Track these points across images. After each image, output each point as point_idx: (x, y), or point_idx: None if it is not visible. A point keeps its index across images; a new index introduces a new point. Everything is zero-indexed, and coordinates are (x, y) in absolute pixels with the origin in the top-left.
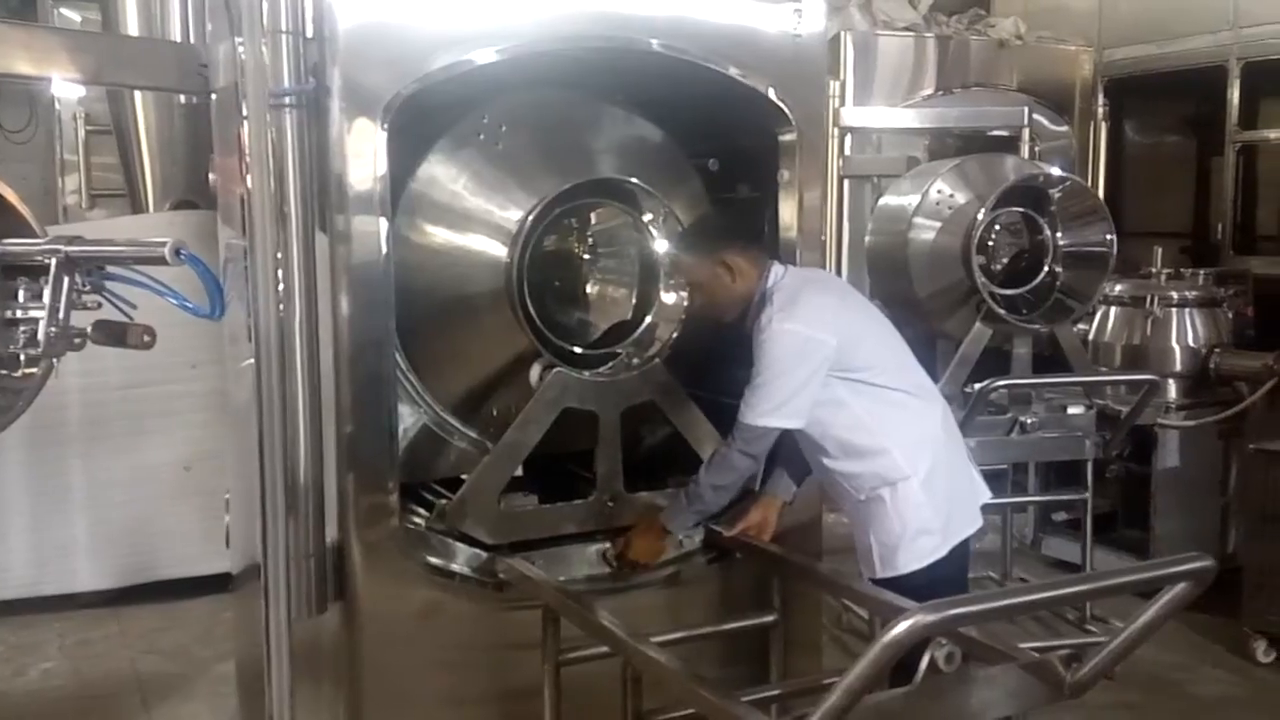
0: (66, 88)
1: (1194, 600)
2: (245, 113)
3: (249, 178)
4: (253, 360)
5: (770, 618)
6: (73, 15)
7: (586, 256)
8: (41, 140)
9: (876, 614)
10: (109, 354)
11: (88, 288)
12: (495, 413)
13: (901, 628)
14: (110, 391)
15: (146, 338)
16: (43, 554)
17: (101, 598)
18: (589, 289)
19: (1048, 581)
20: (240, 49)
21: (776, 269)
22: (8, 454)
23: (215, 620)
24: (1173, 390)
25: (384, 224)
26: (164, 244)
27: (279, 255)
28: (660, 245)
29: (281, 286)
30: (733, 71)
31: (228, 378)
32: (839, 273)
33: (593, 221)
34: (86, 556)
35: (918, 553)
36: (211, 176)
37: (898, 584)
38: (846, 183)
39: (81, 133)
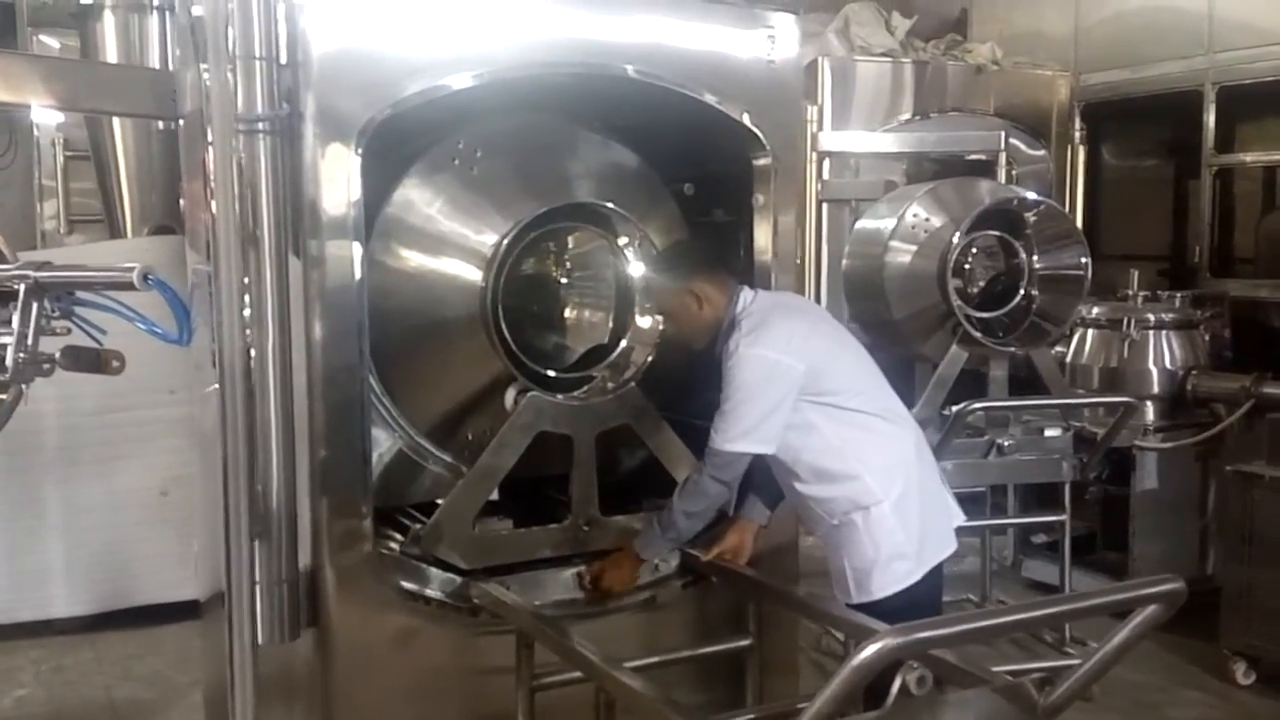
0: (45, 114)
1: (1172, 622)
2: (210, 138)
3: (214, 203)
4: (217, 386)
5: (746, 641)
6: (51, 42)
7: (562, 281)
8: (21, 166)
9: (851, 637)
10: (85, 379)
11: (57, 313)
12: (470, 437)
13: (869, 651)
14: (86, 417)
15: (115, 363)
16: (18, 580)
17: (78, 624)
18: (564, 313)
19: (1018, 604)
20: (205, 75)
21: (745, 294)
22: None
23: (192, 646)
24: (1150, 412)
25: (357, 248)
26: (132, 269)
27: (246, 280)
28: (635, 269)
29: (249, 311)
30: (707, 97)
31: (195, 403)
32: (817, 296)
33: (568, 246)
34: (62, 582)
35: (892, 577)
36: (181, 202)
37: (873, 608)
38: (825, 206)
39: (60, 158)
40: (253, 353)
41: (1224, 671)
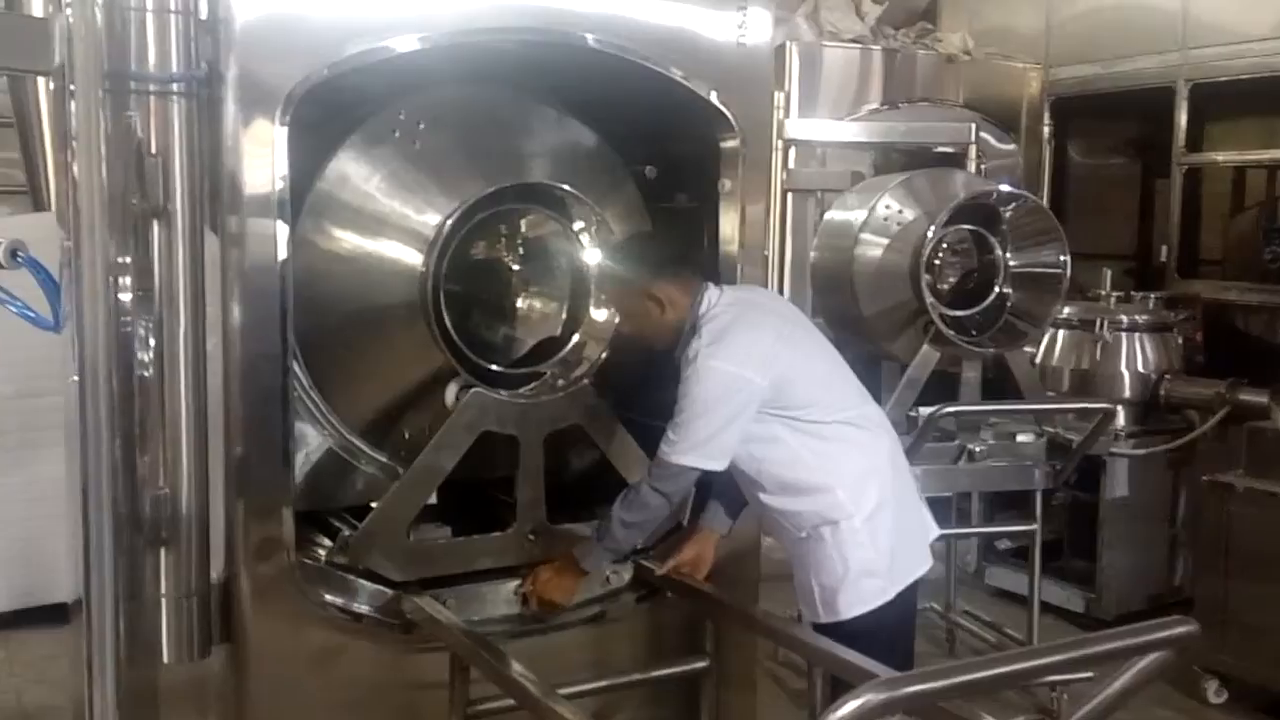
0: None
1: None
2: (73, 90)
3: (75, 166)
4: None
5: (702, 664)
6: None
7: (511, 268)
8: None
9: (816, 664)
10: (11, 360)
11: None
12: (408, 436)
13: (850, 709)
14: (3, 400)
15: None
16: None
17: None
18: (513, 303)
19: (1012, 653)
20: (69, 15)
21: (710, 294)
22: None
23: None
24: (1122, 417)
25: (281, 226)
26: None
27: (124, 259)
28: (591, 256)
29: (128, 295)
30: (673, 72)
31: (64, 394)
32: (781, 290)
33: (519, 229)
34: (9, 575)
35: (861, 596)
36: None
37: (840, 629)
38: (790, 197)
39: None
40: (158, 339)
41: (1194, 689)
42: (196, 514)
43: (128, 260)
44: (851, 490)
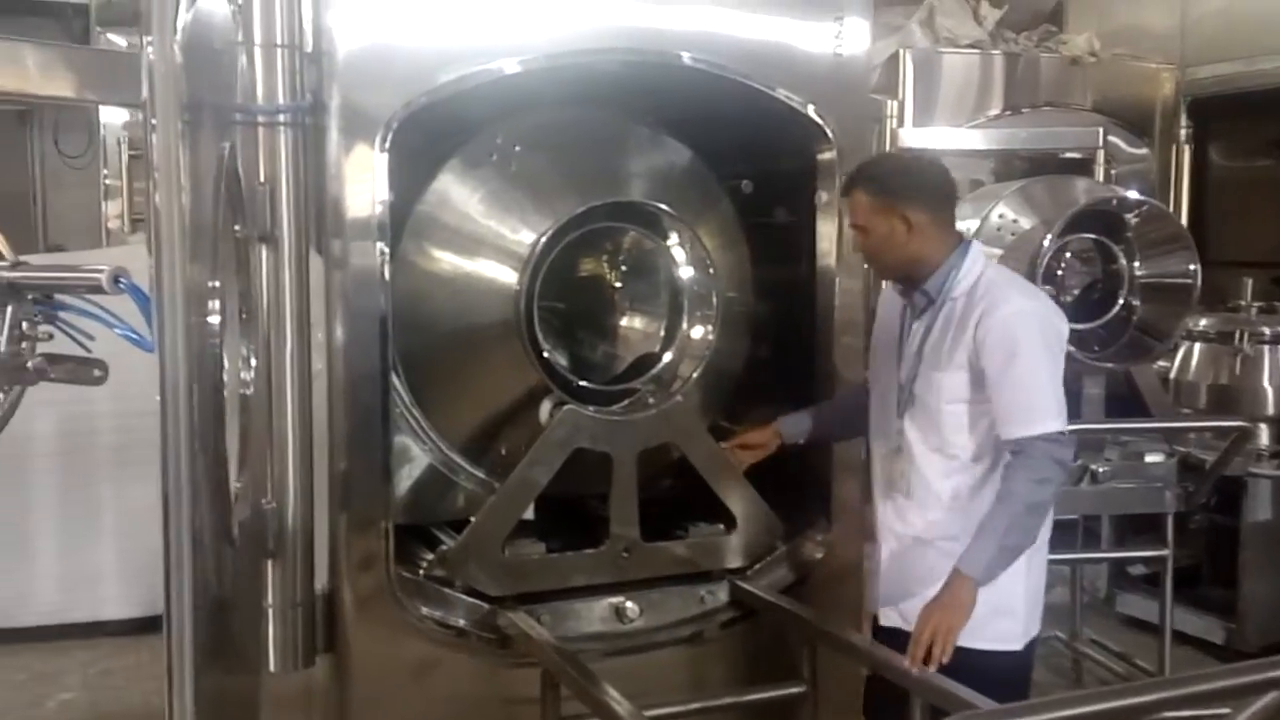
0: (111, 112)
1: None
2: (154, 122)
3: (156, 196)
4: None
5: (798, 689)
6: (119, 40)
7: (604, 285)
8: (98, 165)
9: (917, 694)
10: (140, 379)
11: (39, 318)
12: (505, 452)
13: None
14: (141, 417)
15: (97, 372)
16: (72, 580)
17: (129, 626)
18: (607, 320)
19: (1121, 687)
20: (150, 52)
21: (976, 247)
22: (39, 479)
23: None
24: (1265, 436)
25: (382, 248)
26: (103, 270)
27: (214, 284)
28: (684, 273)
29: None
30: (769, 87)
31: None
32: None
33: (612, 248)
34: (115, 583)
35: (987, 634)
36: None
37: (964, 662)
38: None
39: (124, 157)
40: (264, 359)
41: None
42: (302, 527)
43: (216, 284)
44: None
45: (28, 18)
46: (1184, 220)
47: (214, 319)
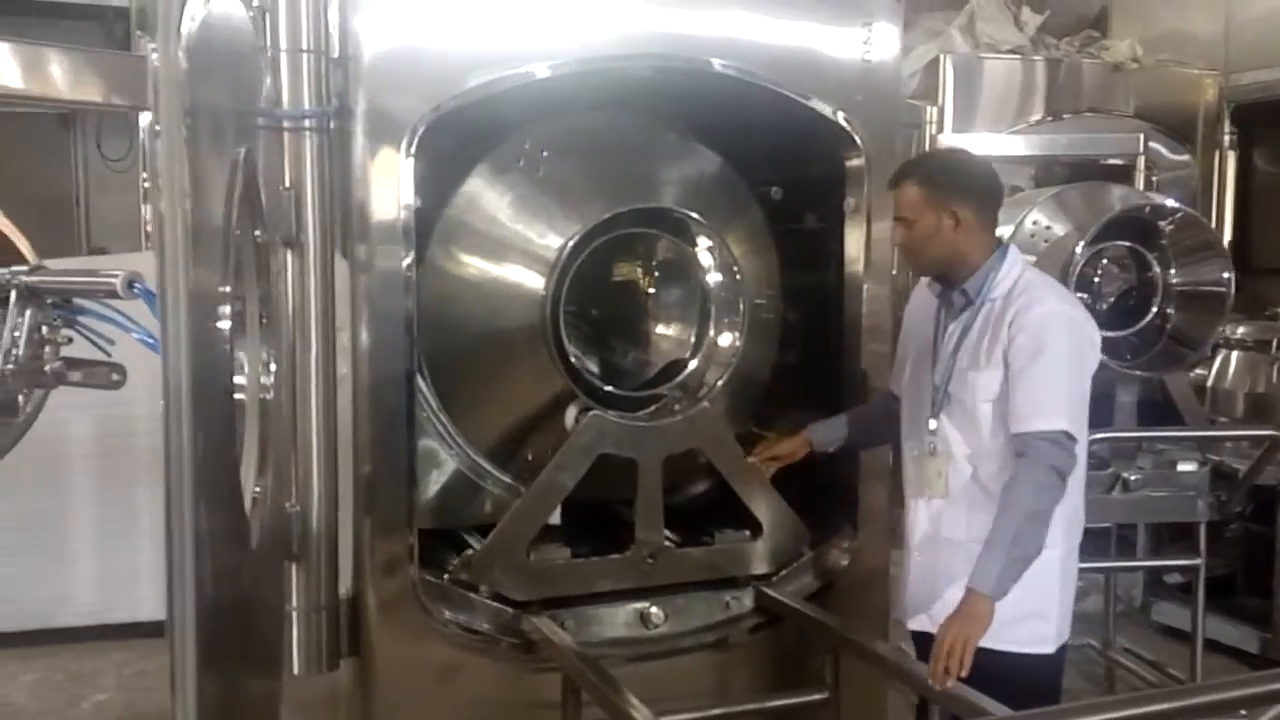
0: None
1: None
2: (157, 128)
3: (161, 202)
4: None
5: (821, 695)
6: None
7: (631, 291)
8: (138, 168)
9: (935, 702)
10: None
11: (58, 322)
12: (531, 457)
13: None
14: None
15: (115, 376)
16: (109, 581)
17: (165, 627)
18: (633, 326)
19: (1140, 694)
20: (154, 56)
21: (1014, 252)
22: (77, 480)
23: None
24: None
25: (408, 254)
26: (118, 275)
27: (225, 289)
28: (712, 279)
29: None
30: (798, 93)
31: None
32: None
33: (640, 254)
34: (152, 585)
35: (1020, 636)
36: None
37: (989, 664)
38: None
39: None
40: (288, 363)
41: None
42: (326, 530)
43: (227, 289)
44: (1069, 518)
45: (69, 21)
46: (1228, 228)
47: (224, 324)
